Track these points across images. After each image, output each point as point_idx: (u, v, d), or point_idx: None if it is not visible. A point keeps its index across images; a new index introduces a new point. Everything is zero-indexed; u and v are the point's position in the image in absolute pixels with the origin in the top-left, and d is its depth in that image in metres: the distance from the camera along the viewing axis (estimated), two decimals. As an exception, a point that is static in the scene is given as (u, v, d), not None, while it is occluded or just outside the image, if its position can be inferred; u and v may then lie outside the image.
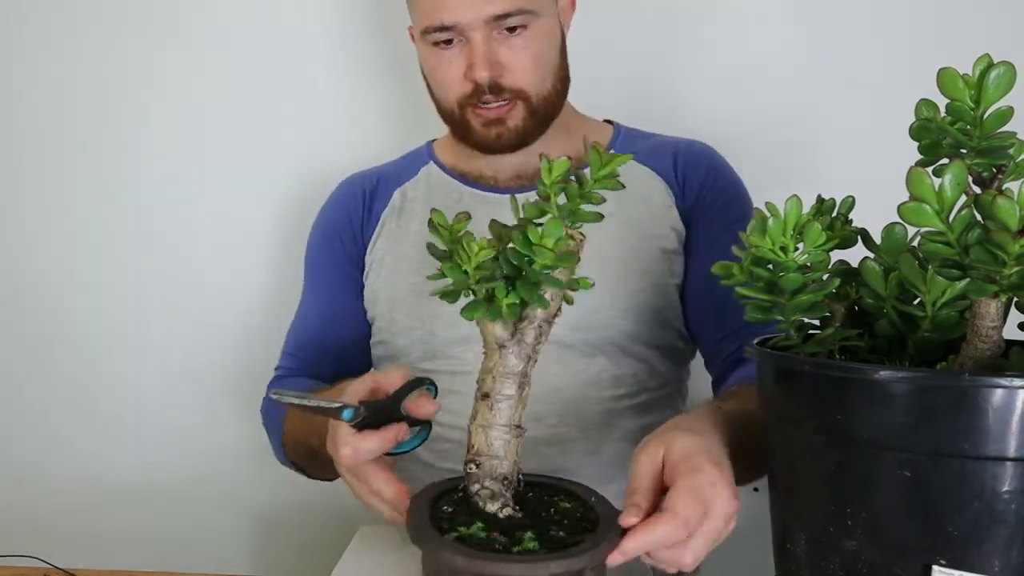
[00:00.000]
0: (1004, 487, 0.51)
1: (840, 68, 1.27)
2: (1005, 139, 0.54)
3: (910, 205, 0.52)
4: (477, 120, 1.02)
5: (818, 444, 0.58)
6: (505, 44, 0.98)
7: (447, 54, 1.00)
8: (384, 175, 1.16)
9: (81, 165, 1.41)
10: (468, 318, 0.64)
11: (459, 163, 1.12)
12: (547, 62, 1.02)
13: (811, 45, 1.28)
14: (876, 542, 0.55)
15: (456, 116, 1.04)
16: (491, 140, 1.03)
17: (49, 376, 1.44)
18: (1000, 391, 0.50)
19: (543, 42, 1.01)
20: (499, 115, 1.01)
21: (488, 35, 0.97)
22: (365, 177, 1.16)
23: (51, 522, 1.40)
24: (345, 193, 1.16)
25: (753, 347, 0.64)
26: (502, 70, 0.99)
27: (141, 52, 1.38)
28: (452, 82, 1.01)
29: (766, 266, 0.61)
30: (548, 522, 0.65)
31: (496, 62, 0.98)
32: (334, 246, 1.13)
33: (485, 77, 0.98)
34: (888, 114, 0.81)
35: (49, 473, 1.44)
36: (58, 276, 1.43)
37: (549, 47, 1.02)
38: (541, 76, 1.02)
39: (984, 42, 0.64)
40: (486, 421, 0.66)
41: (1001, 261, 0.50)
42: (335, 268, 1.13)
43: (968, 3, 1.25)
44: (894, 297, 0.60)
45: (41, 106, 1.41)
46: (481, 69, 0.97)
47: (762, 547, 0.69)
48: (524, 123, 1.02)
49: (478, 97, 1.00)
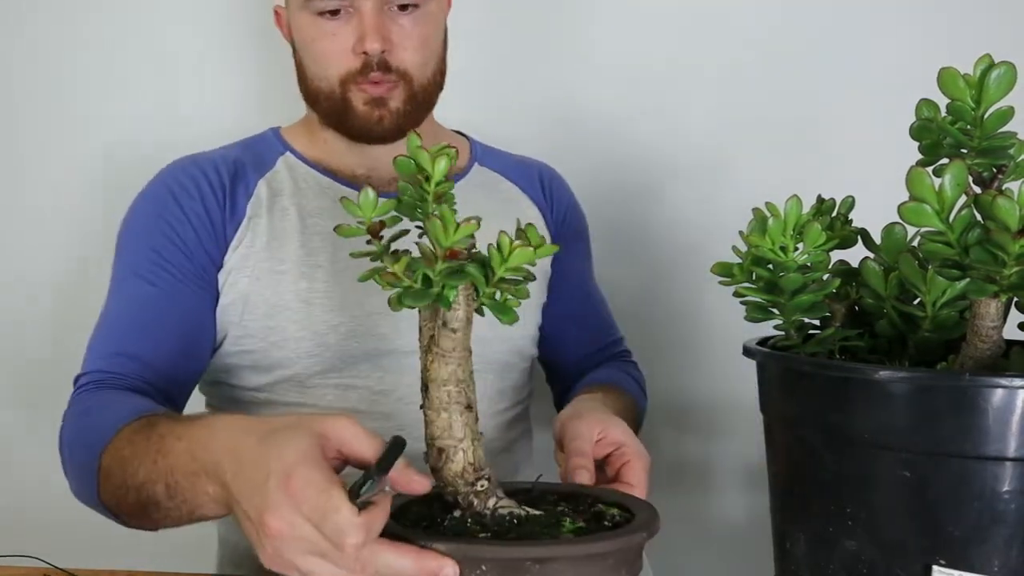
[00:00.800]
0: (1004, 487, 0.51)
1: (841, 68, 1.27)
2: (1006, 139, 0.54)
3: (910, 205, 0.52)
4: (360, 98, 0.94)
5: (818, 444, 0.58)
6: (395, 21, 0.93)
7: (331, 25, 0.93)
8: (240, 160, 0.99)
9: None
10: (408, 307, 0.59)
11: (324, 158, 1.02)
12: (432, 48, 0.98)
13: (812, 45, 1.28)
14: (876, 542, 0.55)
15: (335, 95, 0.95)
16: (372, 123, 0.95)
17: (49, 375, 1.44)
18: (1000, 391, 0.50)
19: (431, 26, 0.97)
20: (383, 94, 0.94)
21: (380, 7, 0.92)
22: (218, 158, 0.98)
23: (51, 522, 1.40)
24: (196, 174, 0.96)
25: (753, 347, 0.64)
26: (391, 46, 0.93)
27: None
28: (337, 55, 0.93)
29: (766, 266, 0.61)
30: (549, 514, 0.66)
31: (387, 38, 0.92)
32: (179, 226, 0.94)
33: (376, 49, 0.91)
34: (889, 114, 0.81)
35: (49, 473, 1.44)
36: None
37: (436, 32, 0.98)
38: (424, 61, 0.96)
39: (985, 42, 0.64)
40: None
41: (1001, 261, 0.50)
42: (180, 250, 0.93)
43: (969, 3, 1.25)
44: (894, 297, 0.60)
45: None
46: (373, 40, 0.91)
47: (762, 547, 0.69)
48: (404, 107, 0.96)
49: (366, 74, 0.93)
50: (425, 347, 0.63)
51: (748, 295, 0.63)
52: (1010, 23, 1.23)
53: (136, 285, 0.93)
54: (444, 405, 0.62)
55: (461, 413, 0.62)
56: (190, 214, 0.94)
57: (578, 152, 1.27)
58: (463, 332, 0.61)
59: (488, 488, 0.64)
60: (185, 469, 0.68)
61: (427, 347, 0.62)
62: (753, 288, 0.62)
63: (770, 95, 1.29)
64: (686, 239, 1.29)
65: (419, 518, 0.65)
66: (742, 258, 0.63)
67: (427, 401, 0.63)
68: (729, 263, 0.64)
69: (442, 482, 0.63)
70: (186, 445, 0.68)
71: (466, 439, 0.63)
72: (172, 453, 0.70)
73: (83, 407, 0.86)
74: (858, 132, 1.24)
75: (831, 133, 1.27)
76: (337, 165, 1.01)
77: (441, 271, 0.58)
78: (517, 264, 0.59)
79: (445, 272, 0.58)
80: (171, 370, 0.90)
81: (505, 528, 0.62)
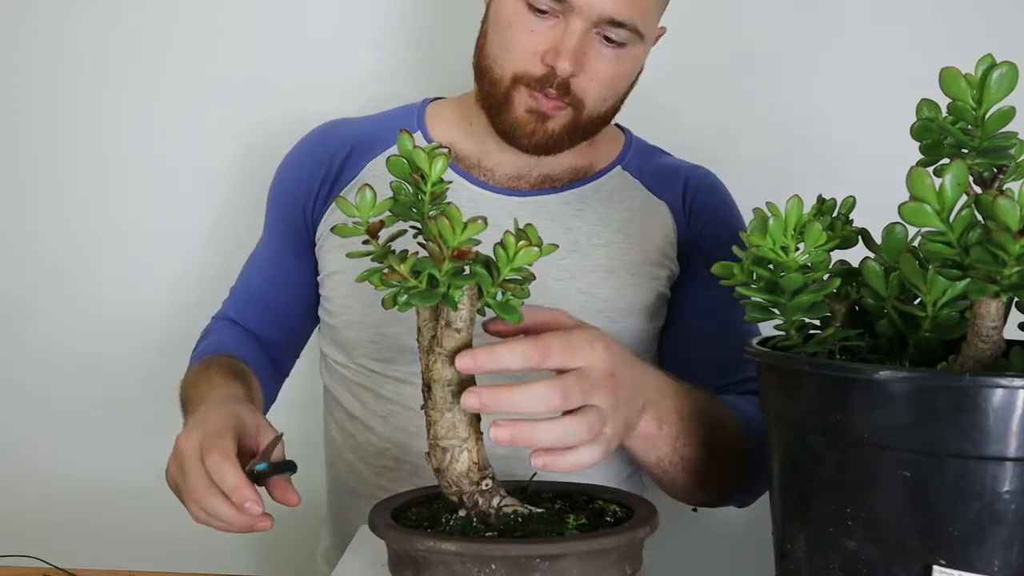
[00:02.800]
0: (1004, 487, 0.51)
1: (841, 67, 1.27)
2: (1007, 139, 0.54)
3: (910, 205, 0.52)
4: (525, 103, 0.92)
5: (818, 444, 0.57)
6: (597, 50, 0.89)
7: (535, 21, 0.88)
8: (361, 141, 1.02)
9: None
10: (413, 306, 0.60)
11: (458, 140, 1.01)
12: (621, 87, 0.95)
13: (812, 44, 1.28)
14: (876, 542, 0.55)
15: (503, 86, 0.92)
16: (524, 132, 0.93)
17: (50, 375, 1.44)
18: (1000, 391, 0.50)
19: (629, 67, 0.94)
20: (549, 111, 0.91)
21: (589, 31, 0.88)
22: (339, 138, 1.03)
23: (51, 522, 1.40)
24: (309, 153, 1.03)
25: (753, 347, 0.64)
26: (580, 73, 0.89)
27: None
28: (524, 52, 0.90)
29: (766, 266, 0.61)
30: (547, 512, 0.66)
31: (581, 63, 0.89)
32: (288, 201, 1.03)
33: (567, 70, 0.88)
34: (889, 114, 0.81)
35: (49, 473, 1.44)
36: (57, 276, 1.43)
37: (629, 74, 0.95)
38: (605, 97, 0.94)
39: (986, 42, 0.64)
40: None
41: (1001, 261, 0.50)
42: (286, 224, 1.04)
43: (969, 3, 1.25)
44: (894, 297, 0.60)
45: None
46: (567, 61, 0.87)
47: (762, 547, 0.69)
48: (563, 132, 0.94)
49: (543, 86, 0.90)
50: (426, 347, 0.63)
51: (748, 295, 0.63)
52: (1011, 23, 1.23)
53: (263, 246, 1.09)
54: (448, 405, 0.62)
55: (464, 412, 0.62)
56: (302, 183, 1.02)
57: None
58: (467, 332, 0.61)
59: (492, 487, 0.64)
60: (192, 410, 0.87)
61: (428, 347, 0.62)
62: (753, 288, 0.62)
63: (770, 95, 1.29)
64: (686, 239, 1.28)
65: (420, 519, 0.65)
66: (742, 258, 0.63)
67: (429, 401, 0.63)
68: (729, 263, 0.63)
69: (446, 482, 0.63)
70: (199, 395, 0.89)
71: (470, 438, 0.63)
72: (191, 401, 0.91)
73: (207, 328, 1.10)
74: (858, 132, 1.24)
75: (831, 133, 1.27)
76: (468, 151, 1.00)
77: (448, 271, 0.58)
78: (521, 264, 0.59)
79: (451, 272, 0.58)
80: (274, 330, 1.07)
81: (511, 526, 0.62)
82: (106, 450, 1.44)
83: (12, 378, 1.45)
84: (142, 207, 1.39)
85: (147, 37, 1.36)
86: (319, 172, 1.01)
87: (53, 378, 1.45)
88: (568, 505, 0.68)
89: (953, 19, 1.25)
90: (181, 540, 1.43)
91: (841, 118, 1.26)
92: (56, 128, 1.40)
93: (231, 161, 1.37)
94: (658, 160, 1.07)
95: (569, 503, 0.69)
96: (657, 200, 1.03)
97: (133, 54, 1.36)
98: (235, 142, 1.36)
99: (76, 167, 1.40)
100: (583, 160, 1.03)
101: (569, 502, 0.69)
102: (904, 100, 0.63)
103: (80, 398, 1.44)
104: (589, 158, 1.03)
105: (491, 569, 0.57)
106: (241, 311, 1.08)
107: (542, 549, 0.58)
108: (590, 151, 1.03)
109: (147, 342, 1.43)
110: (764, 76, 1.29)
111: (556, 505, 0.68)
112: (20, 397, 1.45)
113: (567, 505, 0.68)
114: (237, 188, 1.36)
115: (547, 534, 0.61)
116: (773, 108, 1.29)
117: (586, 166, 1.03)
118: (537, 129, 0.93)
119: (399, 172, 0.60)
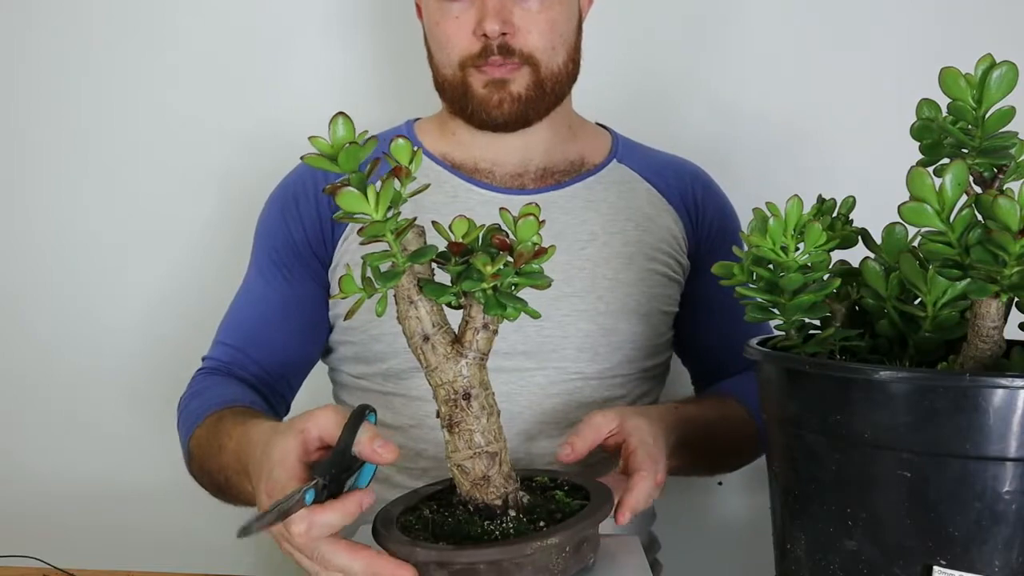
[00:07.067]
0: (1005, 487, 0.51)
1: (841, 67, 1.27)
2: (1007, 139, 0.54)
3: (910, 205, 0.52)
4: (479, 80, 0.93)
5: (818, 444, 0.57)
6: (520, 4, 0.92)
7: (455, 7, 0.92)
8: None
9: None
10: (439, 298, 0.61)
11: (450, 151, 1.02)
12: (562, 34, 0.95)
13: (812, 44, 1.28)
14: (876, 542, 0.55)
15: (456, 79, 0.95)
16: (491, 106, 0.94)
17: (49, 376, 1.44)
18: (1001, 391, 0.50)
19: (560, 11, 0.94)
20: (504, 75, 0.93)
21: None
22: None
23: (51, 522, 1.40)
24: (317, 174, 0.99)
25: (753, 347, 0.64)
26: (514, 30, 0.91)
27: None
28: (457, 39, 0.93)
29: (767, 266, 0.61)
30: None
31: (508, 20, 0.91)
32: (294, 227, 1.00)
33: (495, 30, 0.90)
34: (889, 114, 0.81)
35: (49, 473, 1.44)
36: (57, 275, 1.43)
37: (566, 19, 0.95)
38: (553, 46, 0.94)
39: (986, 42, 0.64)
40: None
41: (1002, 261, 0.50)
42: (292, 251, 1.00)
43: (970, 3, 1.25)
44: (895, 297, 0.60)
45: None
46: (492, 22, 0.90)
47: (762, 547, 0.69)
48: (528, 92, 0.94)
49: (485, 57, 0.92)
50: (448, 354, 0.63)
51: (749, 295, 0.63)
52: (1011, 23, 1.23)
53: (255, 281, 1.02)
54: (489, 410, 0.63)
55: (500, 416, 0.64)
56: (304, 217, 0.99)
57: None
58: (495, 334, 0.63)
59: (519, 487, 0.66)
60: (234, 468, 0.79)
61: (451, 354, 0.62)
62: (754, 288, 0.62)
63: (770, 95, 1.29)
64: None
65: (457, 531, 0.64)
66: (743, 258, 0.63)
67: (468, 409, 0.62)
68: (730, 263, 0.64)
69: (493, 487, 0.64)
70: (234, 445, 0.79)
71: (503, 440, 0.64)
72: (225, 452, 0.81)
73: (193, 390, 0.97)
74: (858, 132, 1.24)
75: (831, 133, 1.27)
76: (461, 158, 1.01)
77: (507, 276, 0.59)
78: (526, 238, 0.60)
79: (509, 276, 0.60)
80: (277, 364, 0.99)
81: (550, 513, 0.65)
82: (106, 450, 1.44)
83: (12, 378, 1.45)
84: (141, 207, 1.39)
85: (146, 43, 1.37)
86: (326, 201, 0.98)
87: (53, 378, 1.45)
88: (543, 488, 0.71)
89: (953, 19, 1.25)
90: (181, 540, 1.43)
91: (841, 118, 1.26)
92: (56, 128, 1.40)
93: (231, 161, 1.37)
94: (655, 157, 1.09)
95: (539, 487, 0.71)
96: (659, 195, 1.04)
97: (133, 55, 1.37)
98: (231, 145, 1.37)
99: (76, 167, 1.40)
100: (573, 153, 1.04)
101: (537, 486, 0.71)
102: (904, 100, 0.63)
103: (80, 398, 1.44)
104: (578, 151, 1.04)
105: (566, 553, 0.62)
106: (239, 346, 1.00)
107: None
108: (577, 145, 1.04)
109: (147, 342, 1.43)
110: (764, 76, 1.29)
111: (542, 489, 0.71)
112: (20, 397, 1.45)
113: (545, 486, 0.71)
114: (234, 189, 1.36)
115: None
116: (773, 108, 1.29)
117: (579, 160, 1.04)
118: (504, 98, 0.94)
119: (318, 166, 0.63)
